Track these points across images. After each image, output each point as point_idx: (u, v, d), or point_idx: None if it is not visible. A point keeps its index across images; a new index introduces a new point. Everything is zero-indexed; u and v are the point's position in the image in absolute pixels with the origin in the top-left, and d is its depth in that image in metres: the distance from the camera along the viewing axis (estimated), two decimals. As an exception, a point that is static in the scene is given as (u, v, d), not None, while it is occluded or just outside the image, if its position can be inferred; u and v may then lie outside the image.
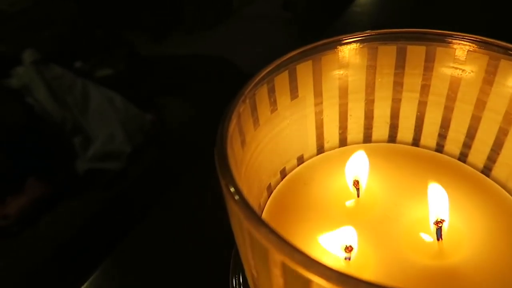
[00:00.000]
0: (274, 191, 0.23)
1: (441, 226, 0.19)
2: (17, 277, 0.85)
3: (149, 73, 1.34)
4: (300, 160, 0.24)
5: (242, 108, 0.18)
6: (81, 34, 1.36)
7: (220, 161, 0.15)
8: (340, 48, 0.21)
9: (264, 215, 0.22)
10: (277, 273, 0.13)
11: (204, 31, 1.66)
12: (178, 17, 1.67)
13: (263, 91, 0.20)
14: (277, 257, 0.12)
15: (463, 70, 0.20)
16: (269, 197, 0.23)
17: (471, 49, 0.19)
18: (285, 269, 0.12)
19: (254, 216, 0.13)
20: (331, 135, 0.24)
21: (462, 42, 0.19)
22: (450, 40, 0.20)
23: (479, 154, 0.22)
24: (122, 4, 1.51)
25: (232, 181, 0.14)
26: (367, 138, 0.25)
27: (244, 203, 0.13)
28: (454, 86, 0.21)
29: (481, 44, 0.19)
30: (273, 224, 0.12)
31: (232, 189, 0.14)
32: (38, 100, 1.09)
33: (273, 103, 0.21)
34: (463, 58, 0.20)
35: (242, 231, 0.14)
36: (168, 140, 1.17)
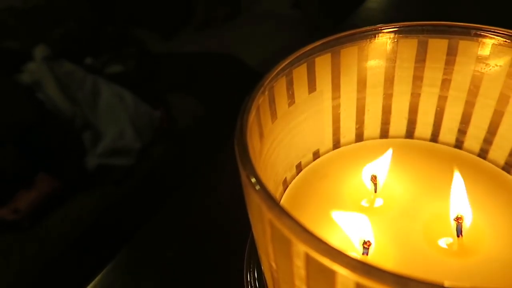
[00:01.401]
0: (290, 186, 0.23)
1: (461, 223, 0.19)
2: (28, 271, 0.85)
3: (159, 71, 1.34)
4: (316, 154, 0.24)
5: (261, 100, 0.18)
6: (92, 31, 1.37)
7: (241, 152, 0.15)
8: (360, 40, 0.20)
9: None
10: (299, 264, 0.13)
11: (213, 29, 1.66)
12: (187, 15, 1.68)
13: (282, 83, 0.19)
14: (300, 247, 0.12)
15: (486, 64, 0.20)
16: (284, 192, 0.23)
17: (495, 43, 0.19)
18: (309, 260, 0.12)
19: (276, 206, 0.13)
20: (348, 129, 0.24)
21: (487, 35, 0.19)
22: (474, 33, 0.19)
23: (500, 150, 0.22)
24: (132, 2, 1.52)
25: (253, 171, 0.14)
26: (384, 134, 0.25)
27: (265, 193, 0.13)
28: (476, 80, 0.21)
29: (506, 37, 0.19)
30: (294, 215, 0.12)
31: (253, 180, 0.14)
32: (48, 96, 1.09)
33: (291, 96, 0.20)
34: (487, 52, 0.19)
35: (263, 222, 0.14)
36: (177, 137, 1.17)
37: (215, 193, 0.33)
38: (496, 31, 0.19)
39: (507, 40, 0.19)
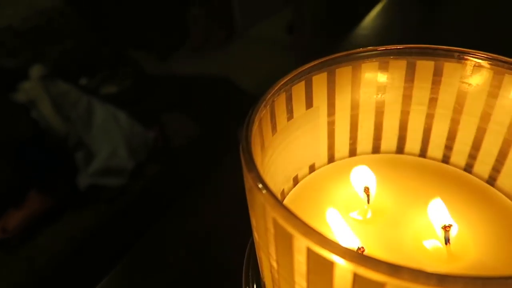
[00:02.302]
0: (287, 197, 0.24)
1: (449, 230, 0.20)
2: (15, 291, 0.84)
3: (154, 91, 1.36)
4: (312, 168, 0.25)
5: (263, 113, 0.19)
6: (89, 51, 1.39)
7: (246, 157, 0.16)
8: (354, 61, 0.22)
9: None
10: (301, 259, 0.14)
11: (209, 52, 1.70)
12: (183, 38, 1.71)
13: (282, 98, 0.21)
14: (302, 242, 0.13)
15: (469, 84, 0.22)
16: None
17: (476, 64, 0.21)
18: (310, 254, 0.13)
19: (280, 205, 0.14)
20: (342, 145, 0.26)
21: (469, 58, 0.21)
22: (457, 55, 0.21)
23: (484, 165, 0.23)
24: (129, 24, 1.55)
25: (257, 174, 0.15)
26: (376, 149, 0.26)
27: (268, 191, 0.14)
28: (460, 99, 0.22)
29: (486, 60, 0.20)
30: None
31: (258, 182, 0.15)
32: (42, 115, 1.10)
33: (290, 111, 0.22)
34: (469, 73, 0.21)
35: (266, 221, 0.15)
36: (171, 157, 1.18)
37: (216, 203, 0.34)
38: (476, 54, 0.20)
39: (487, 62, 0.20)
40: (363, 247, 0.20)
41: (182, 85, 1.43)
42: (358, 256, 0.12)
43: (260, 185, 0.15)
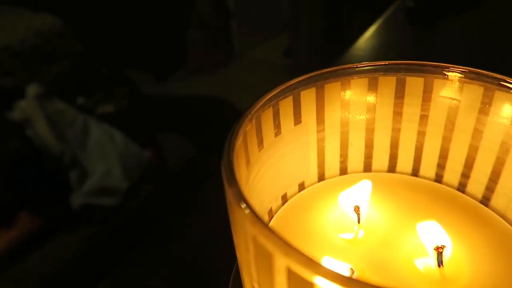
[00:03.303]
0: (275, 216, 0.23)
1: (441, 252, 0.19)
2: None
3: (150, 112, 1.36)
4: (301, 186, 0.25)
5: (248, 127, 0.19)
6: (85, 71, 1.39)
7: (227, 171, 0.15)
8: (343, 76, 0.22)
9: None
10: (281, 281, 0.13)
11: (206, 74, 1.71)
12: (181, 59, 1.73)
13: (268, 113, 0.20)
14: (282, 261, 0.12)
15: (459, 101, 0.21)
16: (269, 222, 0.23)
17: (466, 81, 0.20)
18: (290, 275, 0.12)
19: (259, 221, 0.13)
20: (332, 163, 0.25)
21: (458, 74, 0.20)
22: (446, 71, 0.21)
23: (477, 184, 0.23)
24: (127, 45, 1.56)
25: (237, 190, 0.14)
26: (367, 167, 0.25)
27: (248, 207, 0.13)
28: (451, 116, 0.22)
29: (476, 76, 0.20)
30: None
31: (236, 194, 0.14)
32: (37, 133, 1.10)
33: (277, 126, 0.21)
34: (459, 89, 0.21)
35: (246, 239, 0.14)
36: (166, 177, 1.17)
37: (204, 223, 0.33)
38: (465, 70, 0.20)
39: (475, 78, 0.20)
40: (352, 269, 0.19)
41: (178, 106, 1.43)
42: (341, 278, 0.11)
43: (240, 201, 0.14)
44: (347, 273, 0.19)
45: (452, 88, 0.21)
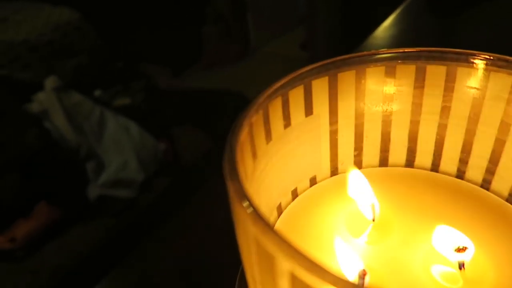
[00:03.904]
0: (284, 212, 0.22)
1: (463, 254, 0.18)
2: (18, 303, 0.83)
3: (166, 105, 1.36)
4: (313, 181, 0.24)
5: (254, 118, 0.17)
6: (103, 65, 1.40)
7: (229, 166, 0.14)
8: (358, 65, 0.20)
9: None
10: (284, 285, 0.12)
11: (222, 68, 1.70)
12: (198, 53, 1.72)
13: (277, 103, 0.19)
14: (285, 265, 0.11)
15: (485, 91, 0.20)
16: (278, 217, 0.22)
17: (493, 69, 0.19)
18: (294, 280, 0.11)
19: (261, 221, 0.12)
20: (346, 156, 0.24)
21: (484, 61, 0.19)
22: (471, 59, 0.19)
23: (503, 181, 0.21)
24: (144, 39, 1.57)
25: (239, 184, 0.13)
26: (384, 162, 0.24)
27: (252, 207, 0.12)
28: (476, 108, 0.20)
29: (505, 63, 0.18)
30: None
31: (239, 193, 0.13)
32: (55, 125, 1.11)
33: (287, 118, 0.20)
34: (485, 78, 0.19)
35: (248, 240, 0.13)
36: (181, 170, 1.17)
37: (211, 224, 0.32)
38: (492, 57, 0.18)
39: (504, 66, 0.18)
40: (364, 270, 0.18)
41: (194, 100, 1.43)
42: (349, 285, 0.10)
43: (242, 199, 0.13)
44: (357, 274, 0.18)
45: (477, 77, 0.19)
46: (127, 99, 1.33)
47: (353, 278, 0.18)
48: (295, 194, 0.23)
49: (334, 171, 0.24)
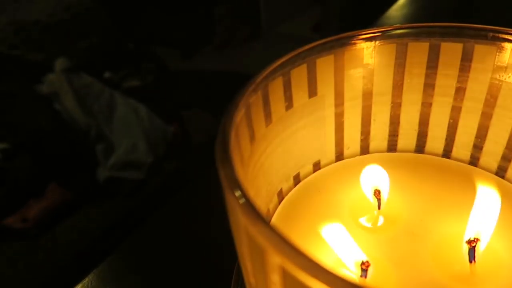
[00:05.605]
0: (286, 198, 0.21)
1: (474, 246, 0.17)
2: (33, 280, 0.84)
3: (176, 87, 1.35)
4: (317, 166, 0.22)
5: (252, 99, 0.16)
6: (113, 46, 1.39)
7: (221, 151, 0.13)
8: (366, 42, 0.19)
9: (273, 222, 0.20)
10: (275, 279, 0.11)
11: (233, 50, 1.68)
12: (208, 35, 1.70)
13: (278, 83, 0.18)
14: (276, 259, 0.10)
15: (505, 72, 0.18)
16: (279, 204, 0.21)
17: (515, 47, 0.17)
18: (285, 276, 0.10)
19: (253, 212, 0.11)
20: (352, 140, 0.22)
21: (505, 38, 0.17)
22: (491, 36, 0.17)
23: (520, 168, 0.19)
24: (155, 20, 1.55)
25: (231, 172, 0.12)
26: (392, 147, 0.23)
27: (243, 198, 0.11)
28: (494, 89, 0.19)
29: (528, 40, 0.17)
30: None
31: (230, 180, 0.12)
32: (65, 107, 1.11)
33: (289, 99, 0.19)
34: (506, 58, 0.18)
35: (239, 230, 0.12)
36: (189, 152, 1.17)
37: (214, 207, 0.31)
38: (515, 32, 0.17)
39: (528, 43, 0.17)
40: (368, 261, 0.17)
41: (204, 82, 1.42)
42: (343, 284, 0.09)
43: (233, 187, 0.12)
44: (360, 266, 0.17)
45: (496, 56, 0.18)
46: (137, 81, 1.33)
47: (352, 268, 0.17)
48: (297, 180, 0.22)
49: (340, 156, 0.23)
